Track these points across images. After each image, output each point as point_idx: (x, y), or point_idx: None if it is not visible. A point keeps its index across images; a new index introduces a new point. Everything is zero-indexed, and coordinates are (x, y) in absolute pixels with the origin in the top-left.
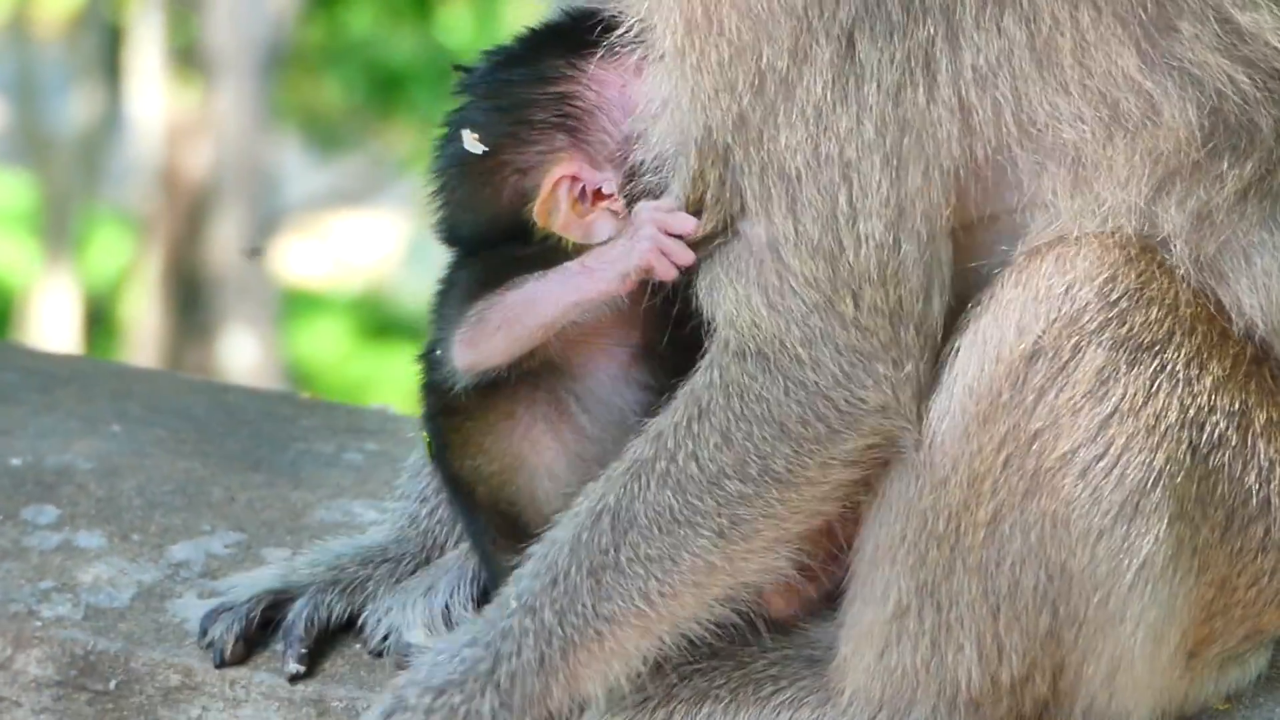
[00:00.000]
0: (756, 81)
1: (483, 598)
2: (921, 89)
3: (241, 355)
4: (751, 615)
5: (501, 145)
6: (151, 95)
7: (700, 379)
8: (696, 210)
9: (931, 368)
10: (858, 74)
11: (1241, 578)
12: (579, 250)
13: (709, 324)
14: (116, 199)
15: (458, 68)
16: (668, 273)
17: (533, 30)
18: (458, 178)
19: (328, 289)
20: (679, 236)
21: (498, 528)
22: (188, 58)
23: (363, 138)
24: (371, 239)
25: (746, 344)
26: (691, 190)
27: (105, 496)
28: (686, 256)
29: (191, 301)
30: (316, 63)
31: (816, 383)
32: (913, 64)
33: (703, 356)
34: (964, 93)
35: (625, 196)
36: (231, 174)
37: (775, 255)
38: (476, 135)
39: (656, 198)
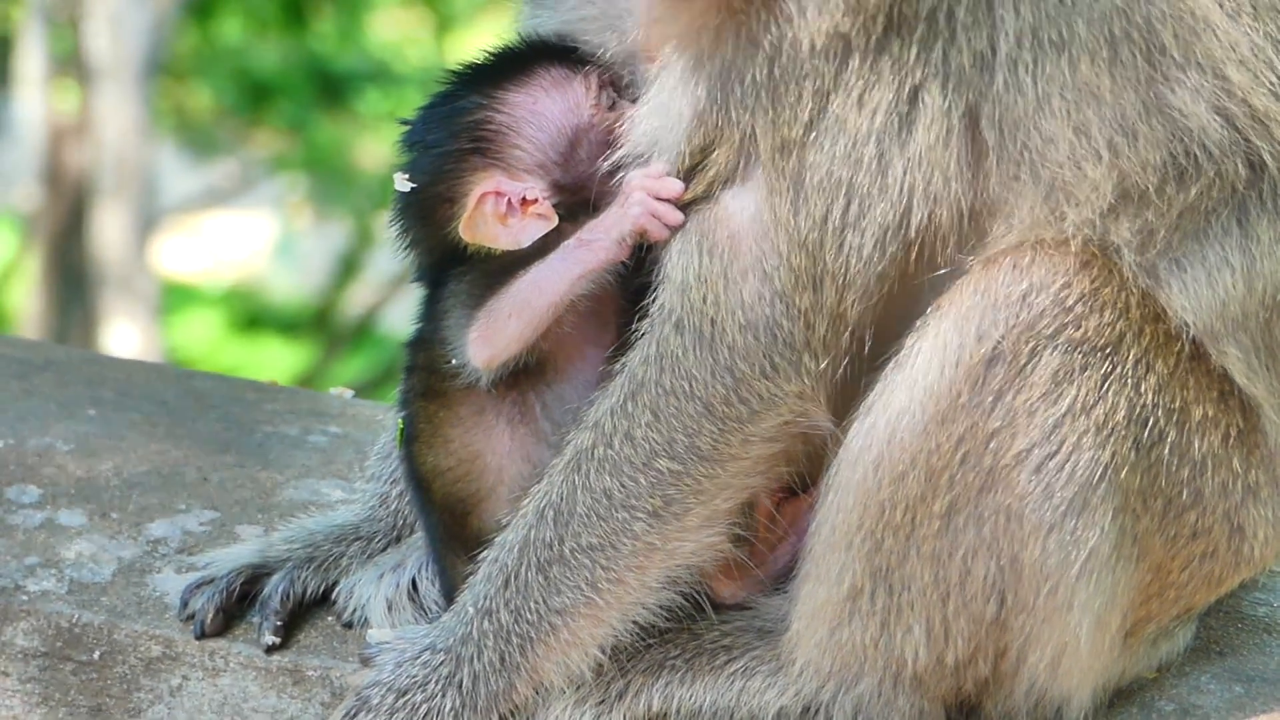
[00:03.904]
0: (816, 118)
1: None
2: (963, 136)
3: (124, 345)
4: (699, 599)
5: (427, 181)
6: (36, 100)
7: (637, 354)
8: (684, 177)
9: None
10: (908, 122)
11: (1175, 562)
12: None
13: (659, 287)
14: (1, 199)
15: (401, 121)
16: (660, 233)
17: (455, 73)
18: (403, 219)
19: (202, 283)
20: (667, 200)
21: (447, 529)
22: (71, 65)
23: (233, 142)
24: (242, 236)
25: (689, 316)
26: (688, 161)
27: (84, 477)
28: (676, 217)
29: (75, 295)
30: (190, 70)
31: (745, 371)
32: (965, 115)
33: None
34: (999, 138)
35: (558, 196)
36: (112, 175)
37: (762, 236)
38: (406, 176)
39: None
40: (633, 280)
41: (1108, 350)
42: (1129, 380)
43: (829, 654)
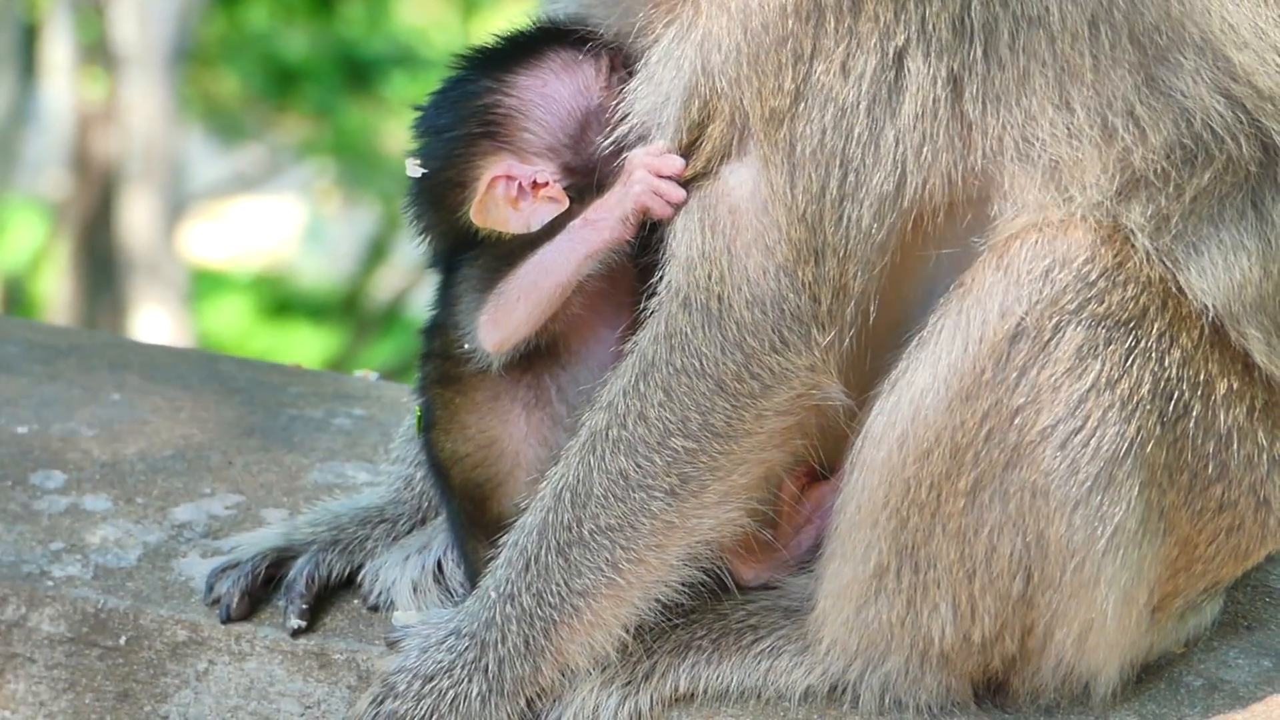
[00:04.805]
0: (802, 86)
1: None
2: (949, 107)
3: (153, 331)
4: (724, 580)
5: (438, 166)
6: (64, 88)
7: (647, 333)
8: (684, 153)
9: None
10: (895, 90)
11: (1202, 535)
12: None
13: (665, 265)
14: (30, 186)
15: (414, 107)
16: (663, 211)
17: (465, 57)
18: (417, 205)
19: (230, 269)
20: (669, 177)
21: (468, 514)
22: (98, 53)
23: (260, 128)
24: (270, 222)
25: (695, 294)
26: (686, 137)
27: (109, 461)
28: (678, 194)
29: (104, 280)
30: (217, 57)
31: (754, 347)
32: (949, 84)
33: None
34: (981, 111)
35: (569, 179)
36: (140, 162)
37: (761, 210)
38: (418, 162)
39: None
40: (642, 259)
41: (1131, 325)
42: (1153, 354)
43: (855, 633)
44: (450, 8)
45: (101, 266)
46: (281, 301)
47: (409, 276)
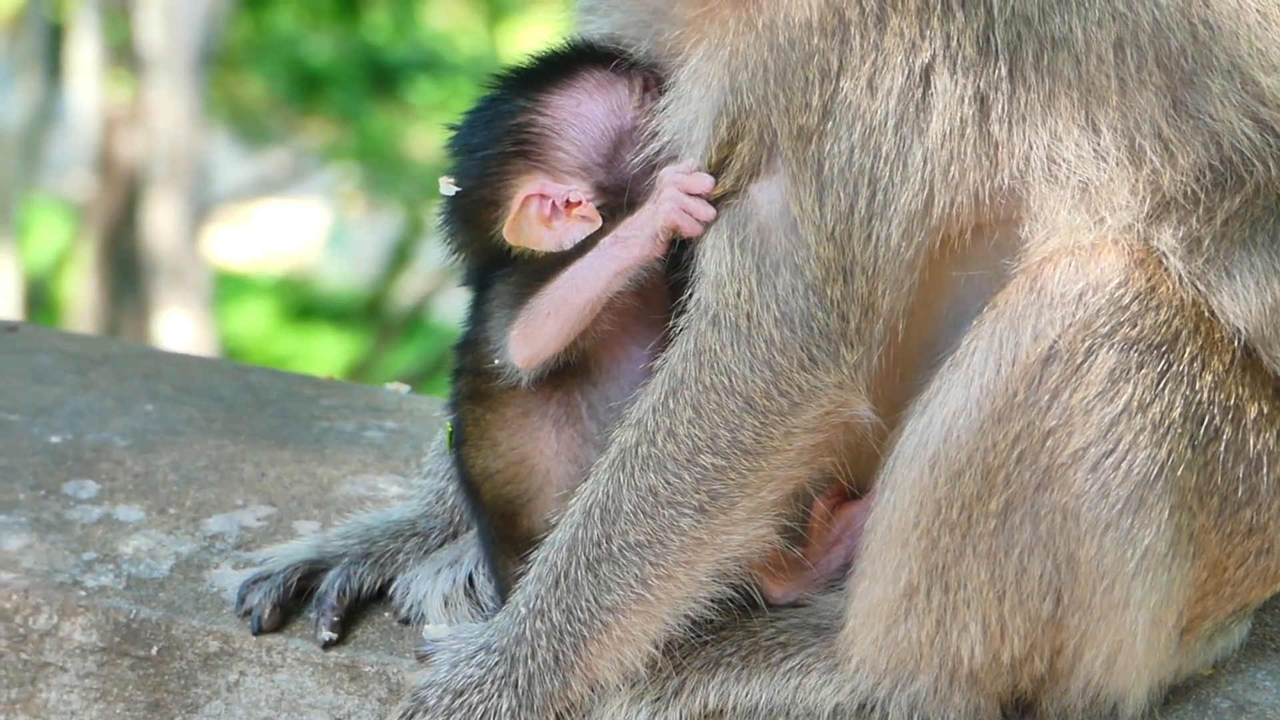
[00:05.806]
0: (830, 103)
1: None
2: (976, 125)
3: (177, 335)
4: (753, 597)
5: (472, 185)
6: (89, 90)
7: (677, 350)
8: (714, 171)
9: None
10: (923, 108)
11: (1231, 559)
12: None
13: (694, 283)
14: (55, 187)
15: (448, 126)
16: (693, 229)
17: (499, 77)
18: (450, 223)
19: (254, 272)
20: (699, 195)
21: (498, 530)
22: (124, 55)
23: (285, 132)
24: (294, 226)
25: (724, 312)
26: (715, 155)
27: (142, 472)
28: (708, 212)
29: (128, 283)
30: (242, 60)
31: (783, 365)
32: (976, 102)
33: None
34: (1007, 131)
35: (602, 197)
36: (165, 165)
37: (790, 229)
38: (452, 180)
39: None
40: (673, 276)
41: (1163, 348)
42: (1185, 378)
43: (885, 651)
44: (476, 13)
45: (125, 269)
46: (304, 306)
47: (432, 281)
